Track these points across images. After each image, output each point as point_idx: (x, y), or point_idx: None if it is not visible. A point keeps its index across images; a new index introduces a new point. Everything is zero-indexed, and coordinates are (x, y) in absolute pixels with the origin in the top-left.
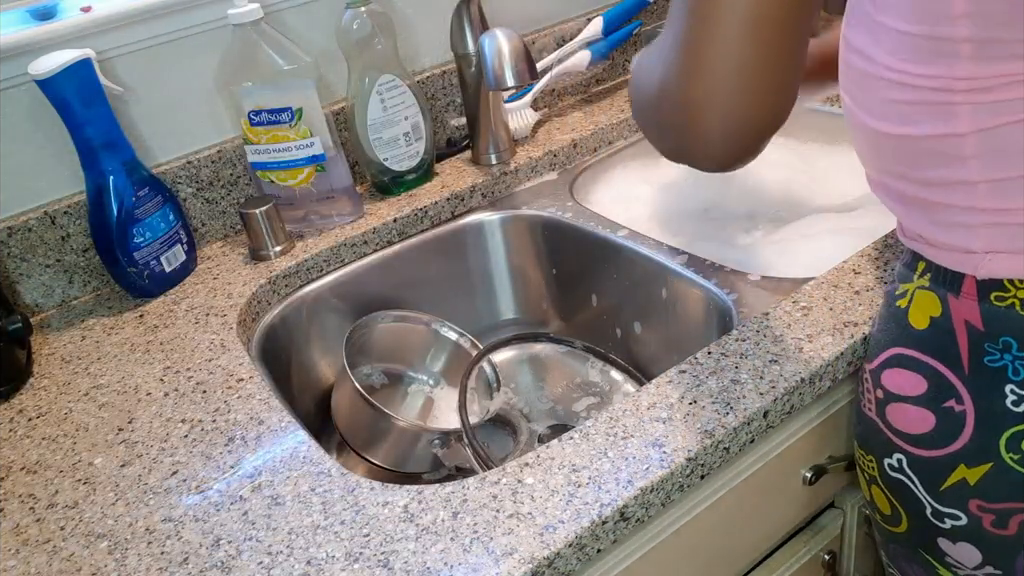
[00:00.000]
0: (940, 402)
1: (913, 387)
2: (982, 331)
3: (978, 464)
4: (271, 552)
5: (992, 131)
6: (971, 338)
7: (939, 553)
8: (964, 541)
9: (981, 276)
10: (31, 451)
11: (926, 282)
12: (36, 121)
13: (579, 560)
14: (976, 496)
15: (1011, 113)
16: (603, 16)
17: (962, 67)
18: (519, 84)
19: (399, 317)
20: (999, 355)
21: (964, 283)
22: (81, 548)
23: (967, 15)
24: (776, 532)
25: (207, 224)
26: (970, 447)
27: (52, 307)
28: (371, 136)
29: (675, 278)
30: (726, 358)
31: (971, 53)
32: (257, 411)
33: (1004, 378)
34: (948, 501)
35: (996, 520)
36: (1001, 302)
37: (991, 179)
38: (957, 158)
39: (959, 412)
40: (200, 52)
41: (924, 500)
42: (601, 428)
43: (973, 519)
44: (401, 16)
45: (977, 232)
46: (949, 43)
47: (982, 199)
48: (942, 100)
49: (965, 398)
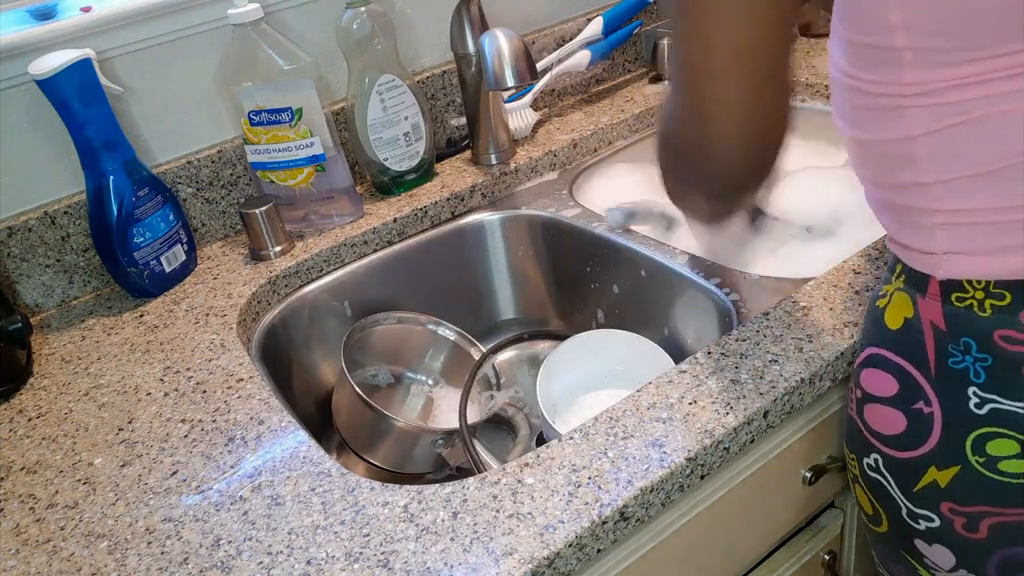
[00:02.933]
0: (910, 403)
1: (886, 387)
2: (945, 332)
3: (948, 467)
4: (271, 552)
5: (940, 133)
6: (936, 339)
7: (918, 555)
8: (938, 543)
9: (940, 277)
10: (31, 451)
11: (901, 283)
12: (36, 121)
13: (579, 560)
14: (947, 499)
15: (957, 115)
16: (603, 16)
17: (907, 73)
18: (519, 84)
19: (399, 318)
20: (960, 356)
21: (929, 284)
22: (81, 548)
23: (901, 25)
24: (776, 532)
25: (207, 224)
26: (939, 449)
27: (52, 307)
28: (371, 136)
29: (675, 278)
30: (726, 358)
31: (912, 60)
32: (257, 411)
33: (967, 380)
34: (921, 503)
35: (967, 523)
36: (960, 303)
37: (943, 180)
38: (911, 160)
39: (928, 414)
40: (200, 52)
41: (900, 501)
42: (601, 428)
43: (945, 521)
44: (401, 16)
45: (935, 233)
46: (891, 51)
47: (937, 200)
48: (893, 105)
49: (933, 400)
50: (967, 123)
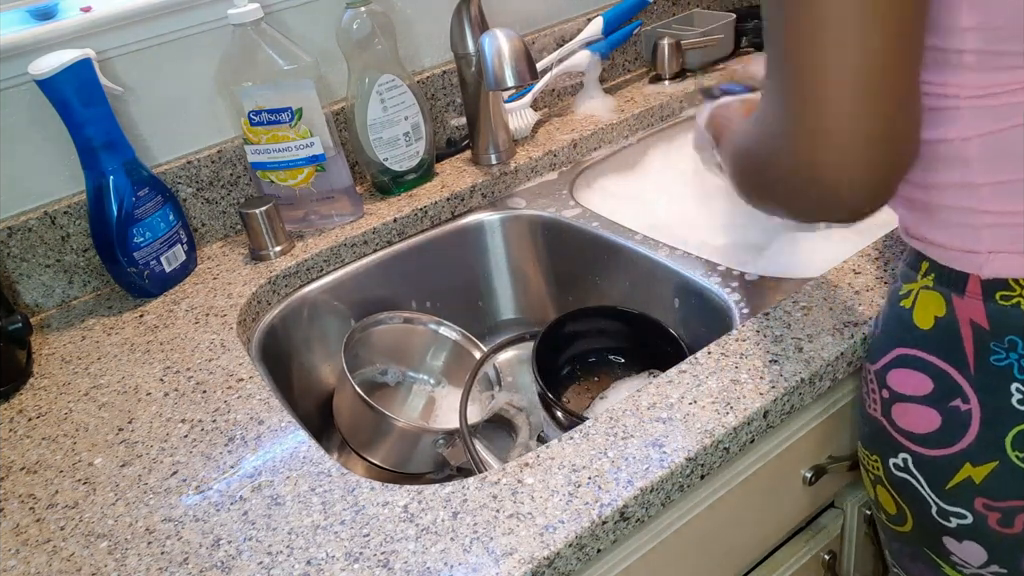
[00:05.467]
0: (946, 401)
1: (919, 387)
2: (987, 330)
3: (984, 463)
4: (271, 552)
5: (995, 135)
6: (976, 337)
7: (944, 552)
8: (969, 540)
9: (986, 276)
10: (31, 451)
11: (930, 282)
12: (36, 121)
13: (579, 560)
14: (982, 495)
15: (1014, 117)
16: (603, 16)
17: (967, 76)
18: (519, 84)
19: (400, 317)
20: (1004, 354)
21: (968, 283)
22: (81, 548)
23: (974, 28)
24: (776, 532)
25: (207, 224)
26: (976, 445)
27: (52, 307)
28: (371, 136)
29: (675, 278)
30: (726, 358)
31: (975, 64)
32: (257, 411)
33: (1010, 376)
34: (953, 500)
35: (1002, 518)
36: (1006, 301)
37: (994, 182)
38: (961, 161)
39: (965, 411)
40: (200, 52)
41: (929, 499)
42: (601, 428)
43: (979, 517)
44: (401, 16)
45: (981, 233)
46: (955, 54)
47: (986, 201)
48: (947, 106)
49: (971, 397)
50: (1022, 127)
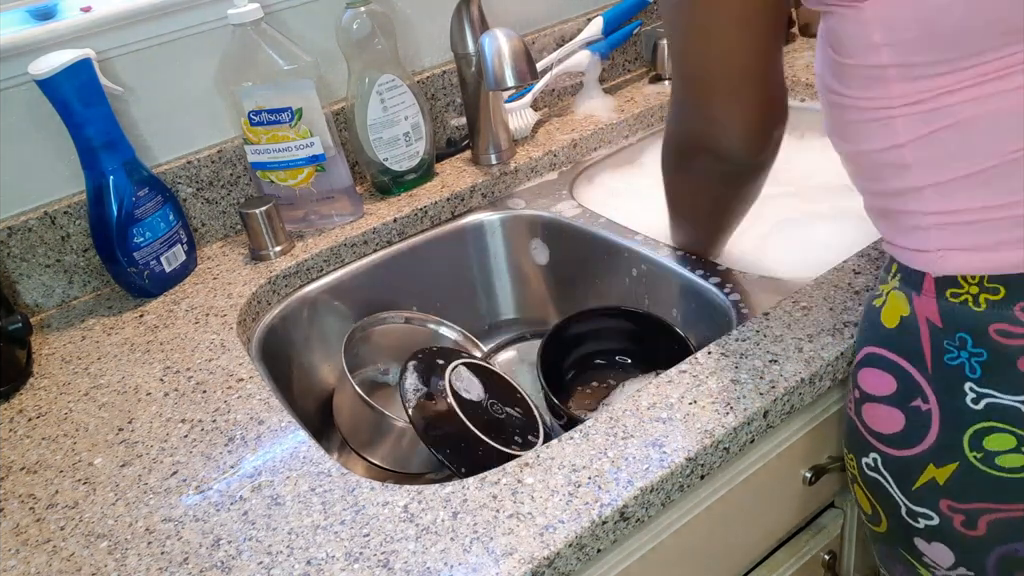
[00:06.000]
0: (908, 401)
1: (884, 387)
2: (940, 328)
3: (945, 464)
4: (271, 552)
5: (927, 138)
6: (932, 335)
7: (917, 553)
8: (937, 541)
9: (935, 273)
10: (31, 451)
11: (897, 283)
12: (36, 121)
13: (579, 560)
14: (945, 496)
15: (943, 119)
16: (603, 16)
17: (894, 87)
18: (519, 84)
19: (399, 318)
20: (956, 352)
21: (924, 281)
22: (81, 548)
23: (885, 44)
24: (776, 532)
25: (207, 224)
26: (937, 446)
27: (52, 307)
28: (371, 136)
29: (675, 278)
30: (726, 358)
31: (898, 75)
32: (257, 411)
33: (962, 376)
34: (920, 501)
35: (966, 520)
36: (956, 298)
37: (934, 183)
38: (902, 167)
39: (925, 411)
40: (200, 52)
41: (899, 500)
42: (601, 428)
43: (944, 519)
44: (401, 16)
45: (929, 233)
46: (876, 69)
47: (930, 203)
48: (880, 117)
49: (930, 396)
50: (954, 127)
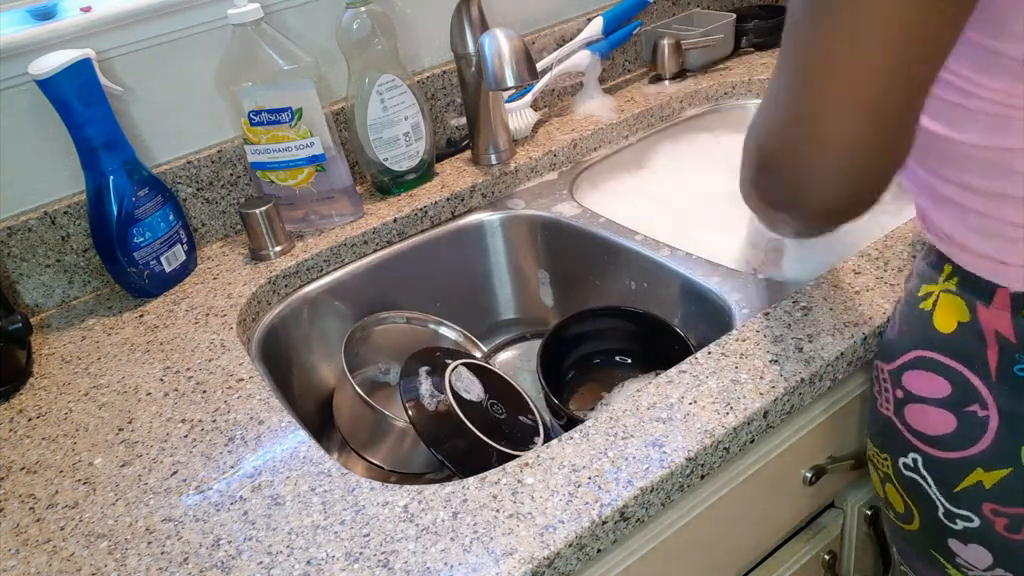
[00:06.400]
0: (963, 406)
1: (936, 390)
2: (1013, 343)
3: (996, 468)
4: (271, 552)
5: None
6: (1001, 347)
7: (949, 554)
8: (975, 543)
9: (1015, 289)
10: (31, 451)
11: (952, 286)
12: (36, 121)
13: (579, 560)
14: (991, 500)
15: None
16: (603, 16)
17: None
18: (519, 84)
19: (399, 318)
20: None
21: (997, 293)
22: (81, 548)
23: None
24: (776, 532)
25: (207, 224)
26: (990, 451)
27: (52, 307)
28: (371, 136)
29: (675, 278)
30: (726, 358)
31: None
32: (257, 411)
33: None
34: (962, 503)
35: (1009, 524)
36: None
37: None
38: (1008, 171)
39: (982, 417)
40: (200, 52)
41: (937, 501)
42: (601, 428)
43: (986, 522)
44: (401, 16)
45: (1016, 246)
46: (1010, 60)
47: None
48: (1000, 112)
49: (990, 403)
50: None
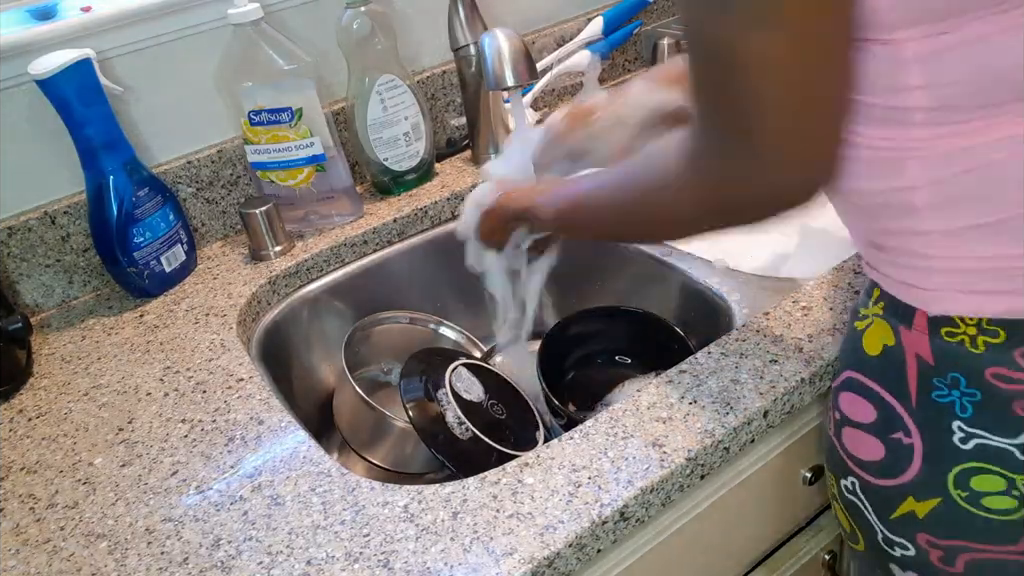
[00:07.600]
0: (889, 433)
1: (864, 414)
2: (932, 365)
3: (926, 498)
4: (271, 552)
5: (944, 183)
6: (921, 371)
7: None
8: (913, 572)
9: (933, 313)
10: (31, 451)
11: (880, 310)
12: (36, 121)
13: (579, 560)
14: (924, 530)
15: (963, 165)
16: (603, 16)
17: (915, 130)
18: (519, 84)
19: (399, 318)
20: (947, 391)
21: (916, 316)
22: (81, 548)
23: (923, 87)
24: (776, 532)
25: (207, 224)
26: (918, 481)
27: (52, 307)
28: (371, 136)
29: (675, 277)
30: (726, 358)
31: (924, 120)
32: (257, 411)
33: (951, 414)
34: (898, 531)
35: (944, 556)
36: (952, 338)
37: (944, 229)
38: (909, 210)
39: (907, 444)
40: (200, 52)
41: (876, 526)
42: (601, 428)
43: (921, 552)
44: (401, 16)
45: (930, 274)
46: (903, 111)
47: (935, 247)
48: (895, 156)
49: (913, 431)
50: (976, 172)
